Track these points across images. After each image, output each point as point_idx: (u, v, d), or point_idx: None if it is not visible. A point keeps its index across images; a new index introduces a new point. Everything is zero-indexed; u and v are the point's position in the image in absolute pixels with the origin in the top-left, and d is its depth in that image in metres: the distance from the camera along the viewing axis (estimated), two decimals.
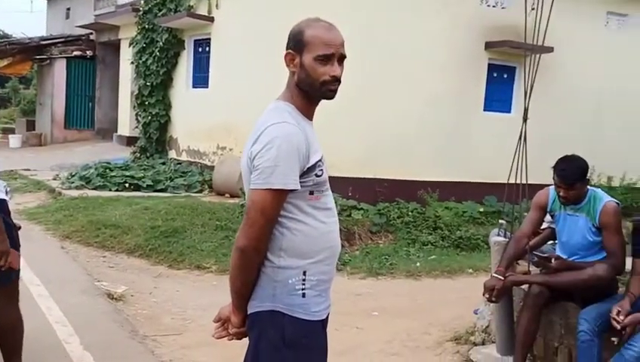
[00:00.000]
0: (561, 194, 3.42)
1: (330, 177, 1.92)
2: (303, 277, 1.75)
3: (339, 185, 8.48)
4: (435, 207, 8.71)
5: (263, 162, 1.68)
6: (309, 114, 1.86)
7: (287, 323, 1.74)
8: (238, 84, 9.55)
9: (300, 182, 1.72)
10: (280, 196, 1.69)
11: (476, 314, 4.34)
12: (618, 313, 3.07)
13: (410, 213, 8.49)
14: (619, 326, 3.03)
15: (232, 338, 1.89)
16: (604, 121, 10.08)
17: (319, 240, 1.79)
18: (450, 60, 9.08)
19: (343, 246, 7.49)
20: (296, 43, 1.79)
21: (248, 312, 1.79)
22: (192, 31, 11.17)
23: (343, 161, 8.52)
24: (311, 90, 1.81)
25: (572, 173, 3.37)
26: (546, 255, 3.50)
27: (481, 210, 8.88)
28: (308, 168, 1.74)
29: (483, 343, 4.03)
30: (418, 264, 6.80)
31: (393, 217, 8.36)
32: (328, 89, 1.81)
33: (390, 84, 8.71)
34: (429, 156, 9.05)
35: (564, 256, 3.51)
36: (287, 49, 1.82)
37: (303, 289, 1.75)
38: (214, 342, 2.04)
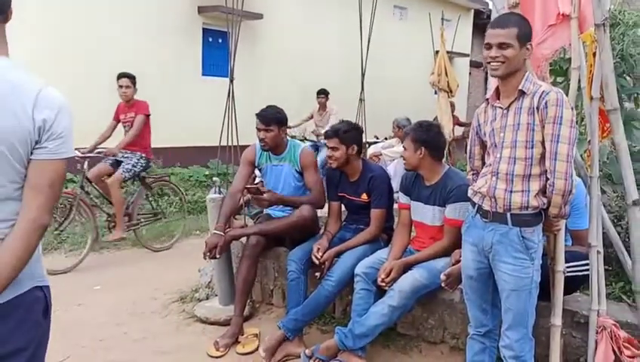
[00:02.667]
0: (260, 136, 3.69)
1: None
2: None
3: None
4: (161, 174, 8.59)
5: (63, 129, 1.57)
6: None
7: (47, 292, 1.67)
8: None
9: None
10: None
11: (200, 272, 4.49)
12: (318, 250, 3.51)
13: None
14: (317, 262, 3.47)
15: None
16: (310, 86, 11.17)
17: None
18: (164, 23, 8.92)
19: (60, 223, 6.95)
20: None
21: (5, 301, 1.55)
22: None
23: None
24: None
25: (269, 114, 3.68)
26: (256, 185, 3.75)
27: (207, 173, 9.10)
28: None
29: (207, 298, 4.19)
30: (144, 232, 6.66)
31: None
32: None
33: (96, 44, 8.18)
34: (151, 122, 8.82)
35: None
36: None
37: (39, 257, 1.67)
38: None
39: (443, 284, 2.97)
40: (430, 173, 3.22)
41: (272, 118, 3.67)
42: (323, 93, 8.44)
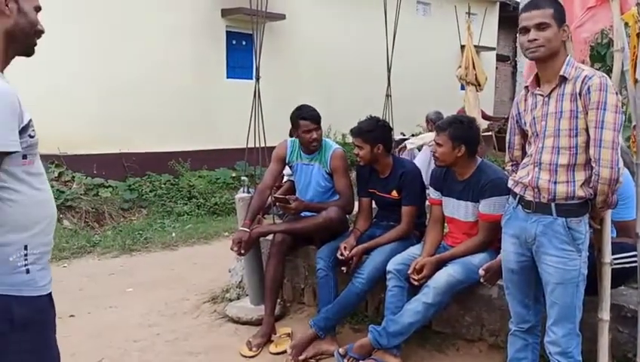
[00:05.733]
0: (314, 136, 3.63)
1: (72, 156, 1.74)
2: (25, 252, 1.57)
3: (82, 163, 7.85)
4: (189, 177, 8.67)
5: None
6: (2, 70, 1.63)
7: (15, 304, 1.55)
8: None
9: None
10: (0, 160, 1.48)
11: (230, 272, 4.47)
12: (344, 248, 3.45)
13: (163, 186, 8.31)
14: (342, 258, 3.41)
15: None
16: (335, 84, 11.12)
17: (37, 209, 1.62)
18: (187, 27, 8.98)
19: (92, 227, 7.06)
20: None
21: None
22: None
23: (84, 138, 7.90)
24: (24, 40, 1.65)
25: (316, 113, 3.65)
26: (285, 196, 3.71)
27: (234, 175, 9.13)
28: (22, 128, 1.54)
29: (238, 298, 4.17)
30: (174, 235, 6.71)
31: (145, 191, 8.08)
32: (36, 42, 1.70)
33: (124, 52, 8.27)
34: (177, 126, 8.91)
35: None
36: None
37: (26, 265, 1.57)
38: None
39: (482, 280, 2.88)
40: (464, 168, 3.12)
41: (319, 117, 3.65)
42: None
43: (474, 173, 3.10)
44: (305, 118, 3.63)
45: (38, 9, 1.69)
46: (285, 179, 4.57)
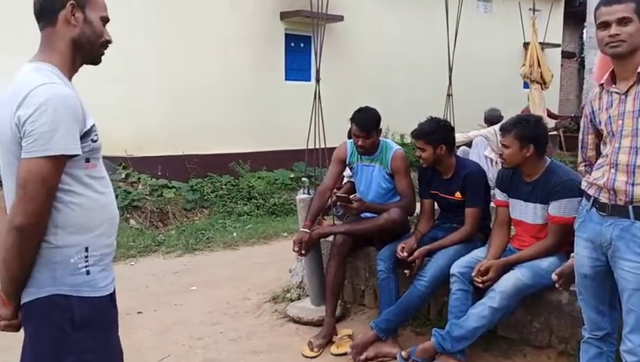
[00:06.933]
0: (359, 143, 3.63)
1: (138, 158, 1.79)
2: (86, 254, 1.62)
3: (147, 165, 8.13)
4: (248, 178, 8.82)
5: (37, 127, 1.48)
6: (70, 77, 1.70)
7: (76, 304, 1.60)
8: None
9: None
10: (61, 163, 1.53)
11: (291, 272, 4.51)
12: (402, 249, 3.41)
13: (224, 186, 8.49)
14: (400, 257, 3.36)
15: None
16: (393, 84, 11.03)
17: (99, 212, 1.67)
18: (247, 31, 9.14)
19: (156, 227, 7.29)
20: None
21: (23, 301, 1.61)
22: None
23: (149, 141, 8.19)
24: (90, 49, 1.71)
25: (368, 121, 3.60)
26: (346, 196, 3.70)
27: (292, 176, 9.21)
28: (85, 132, 1.60)
29: (299, 298, 4.20)
30: (235, 234, 6.83)
31: (207, 192, 8.28)
32: (103, 52, 1.76)
33: (186, 58, 8.51)
34: (237, 128, 9.07)
35: None
36: (65, 1, 1.64)
37: (86, 267, 1.62)
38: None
39: (557, 285, 2.78)
40: (532, 168, 3.01)
41: (372, 126, 3.59)
42: None
43: (543, 173, 3.00)
44: (356, 124, 3.62)
45: (105, 20, 1.73)
46: (345, 180, 4.56)
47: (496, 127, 6.23)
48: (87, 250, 1.62)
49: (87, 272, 1.63)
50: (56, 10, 1.65)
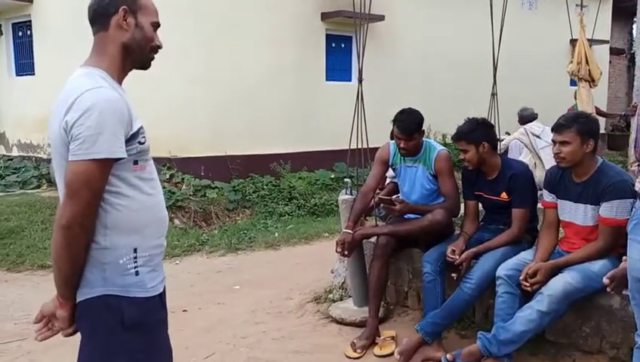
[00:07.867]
0: (401, 145, 3.60)
1: (181, 158, 1.83)
2: (134, 254, 1.65)
3: (191, 165, 8.29)
4: (289, 178, 8.88)
5: (83, 130, 1.52)
6: (120, 81, 1.74)
7: (125, 304, 1.64)
8: (67, 67, 8.71)
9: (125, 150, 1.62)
10: (106, 166, 1.56)
11: (333, 273, 4.51)
12: (453, 252, 3.36)
13: (265, 187, 8.56)
14: (450, 259, 3.31)
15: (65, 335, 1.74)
16: (436, 84, 10.90)
17: (147, 213, 1.69)
18: (289, 32, 9.20)
19: (200, 226, 7.42)
20: (129, 3, 1.69)
21: (77, 301, 1.65)
22: (8, 14, 10.10)
23: (193, 142, 8.35)
24: (140, 54, 1.74)
25: (410, 123, 3.56)
26: (390, 198, 3.68)
27: (333, 176, 9.23)
28: (132, 135, 1.63)
29: (341, 299, 4.19)
30: (276, 234, 6.89)
31: (249, 192, 8.37)
32: (153, 56, 1.79)
33: (229, 60, 8.62)
34: (278, 129, 9.14)
35: None
36: (118, 6, 1.69)
37: (135, 268, 1.65)
38: (64, 342, 1.86)
39: (608, 289, 2.69)
40: (584, 168, 2.92)
41: (415, 128, 3.55)
42: None
43: (594, 173, 2.91)
44: (398, 126, 3.58)
45: (156, 25, 1.76)
46: (388, 181, 4.54)
47: (526, 126, 6.10)
48: (135, 251, 1.65)
49: (137, 273, 1.66)
50: (110, 15, 1.68)
